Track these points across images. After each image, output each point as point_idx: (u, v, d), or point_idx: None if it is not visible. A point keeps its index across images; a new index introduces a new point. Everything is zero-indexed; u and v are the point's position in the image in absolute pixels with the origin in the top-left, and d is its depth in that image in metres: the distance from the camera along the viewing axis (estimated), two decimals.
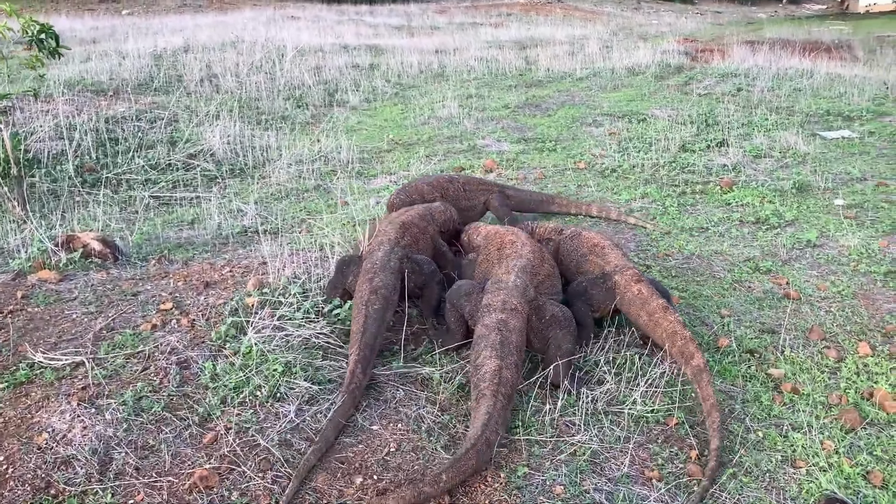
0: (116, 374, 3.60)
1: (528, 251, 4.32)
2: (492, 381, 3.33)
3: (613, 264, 4.41)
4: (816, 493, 3.20)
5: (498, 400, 3.26)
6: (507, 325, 3.67)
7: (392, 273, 4.10)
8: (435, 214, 5.07)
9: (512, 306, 3.80)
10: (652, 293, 4.14)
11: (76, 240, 5.27)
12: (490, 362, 3.44)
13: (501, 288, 3.92)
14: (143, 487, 2.90)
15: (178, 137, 9.24)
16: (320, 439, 3.17)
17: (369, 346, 3.67)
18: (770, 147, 8.48)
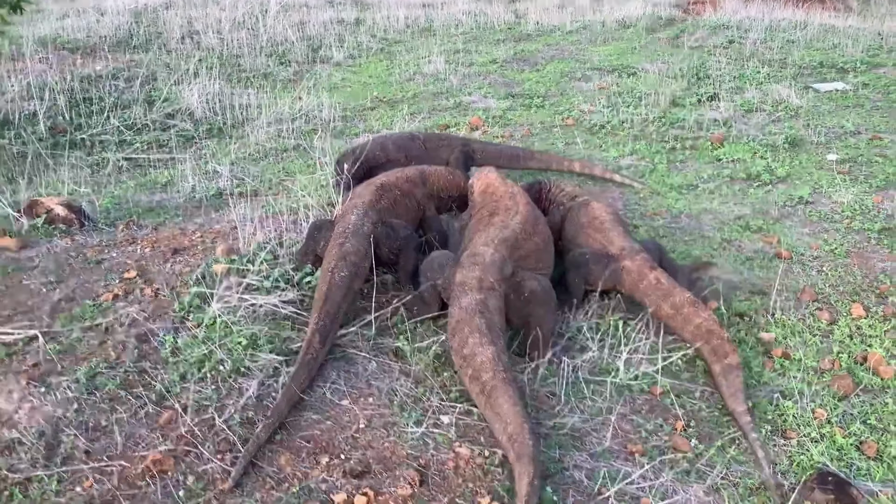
0: (72, 348, 3.42)
1: (518, 221, 4.03)
2: (495, 368, 3.10)
3: (619, 246, 4.18)
4: (808, 466, 3.06)
5: (513, 387, 3.04)
6: (487, 306, 3.44)
7: (364, 238, 3.88)
8: (429, 177, 4.78)
9: (489, 284, 3.56)
10: (673, 284, 3.93)
11: (40, 205, 5.03)
12: (485, 350, 3.19)
13: (477, 263, 3.66)
14: (91, 473, 2.73)
15: (155, 97, 8.92)
16: (272, 413, 3.00)
17: (330, 314, 3.47)
18: (762, 101, 8.22)
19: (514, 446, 2.81)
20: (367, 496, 2.72)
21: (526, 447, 2.76)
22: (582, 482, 2.89)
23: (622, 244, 4.19)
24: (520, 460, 2.74)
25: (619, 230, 4.33)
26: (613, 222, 4.39)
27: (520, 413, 2.90)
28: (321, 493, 2.73)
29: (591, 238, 4.35)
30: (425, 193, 4.71)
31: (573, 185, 5.12)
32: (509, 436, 2.85)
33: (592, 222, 4.42)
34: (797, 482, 2.99)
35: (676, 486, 2.91)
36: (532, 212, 4.20)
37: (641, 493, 2.86)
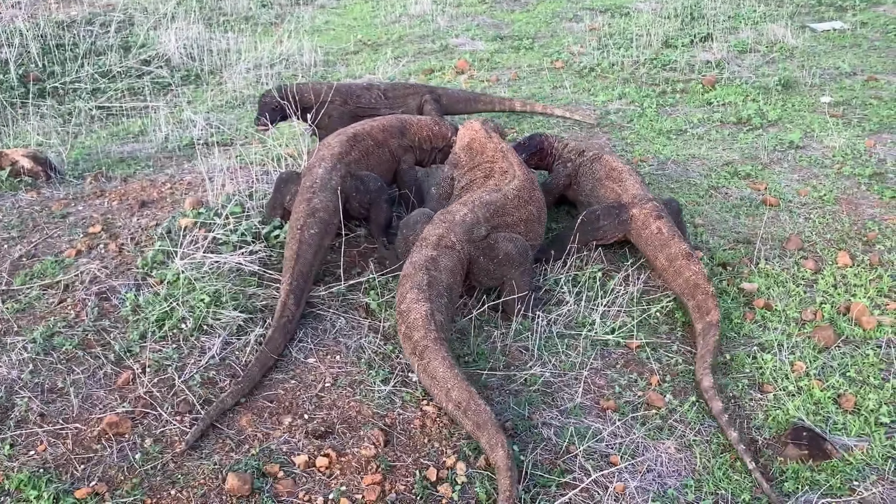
0: (30, 307, 3.32)
1: (514, 187, 3.80)
2: (427, 327, 2.95)
3: (631, 194, 4.05)
4: (783, 420, 2.99)
5: (443, 347, 2.89)
6: (437, 263, 3.27)
7: (332, 192, 3.74)
8: (410, 127, 4.54)
9: (448, 243, 3.39)
10: (673, 234, 3.78)
11: (4, 157, 4.88)
12: (420, 307, 3.03)
13: (445, 221, 3.50)
14: (46, 436, 2.65)
15: (132, 42, 8.66)
16: (244, 378, 2.91)
17: (303, 274, 3.36)
18: (756, 41, 7.97)
19: (468, 415, 2.68)
20: (329, 457, 2.65)
21: (483, 413, 2.65)
22: (550, 440, 2.83)
23: (635, 192, 4.06)
24: (482, 429, 2.63)
25: (636, 178, 4.19)
26: (630, 172, 4.24)
27: (460, 376, 2.78)
28: (282, 455, 2.67)
29: (609, 189, 4.20)
30: (402, 144, 4.48)
31: (574, 140, 4.87)
32: (457, 403, 2.72)
33: (610, 174, 4.26)
34: (772, 437, 2.92)
35: (648, 443, 2.84)
36: (528, 177, 3.97)
37: (611, 451, 2.79)
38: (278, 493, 2.51)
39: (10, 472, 2.49)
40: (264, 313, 3.33)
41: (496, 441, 2.57)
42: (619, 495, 2.60)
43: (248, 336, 3.18)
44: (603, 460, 2.76)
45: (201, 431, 2.69)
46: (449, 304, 3.24)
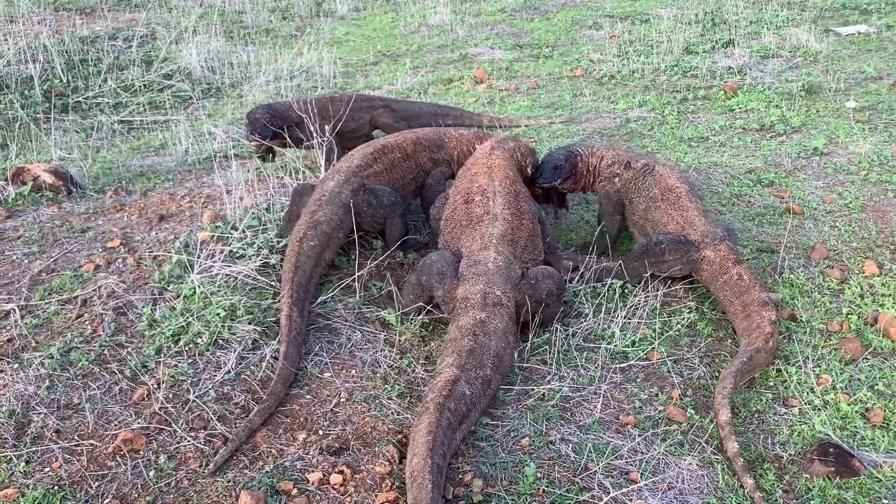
0: (48, 322, 3.33)
1: (502, 207, 3.61)
2: (440, 392, 2.69)
3: (700, 231, 3.73)
4: (809, 436, 2.91)
5: (443, 416, 2.61)
6: (485, 328, 3.01)
7: (340, 206, 3.72)
8: (447, 141, 4.46)
9: (495, 299, 3.14)
10: (754, 281, 3.50)
11: (26, 172, 4.93)
12: (446, 371, 2.79)
13: (480, 273, 3.25)
14: (61, 452, 2.65)
15: (154, 56, 8.75)
16: (269, 396, 2.89)
17: (302, 286, 3.35)
18: (779, 46, 7.87)
19: (412, 487, 2.42)
20: (344, 474, 2.62)
21: (424, 492, 2.37)
22: (568, 456, 2.77)
23: (704, 229, 3.74)
24: None
25: (699, 206, 3.87)
26: (690, 194, 3.91)
27: (429, 447, 2.49)
28: (296, 472, 2.64)
29: (667, 215, 3.86)
30: (436, 158, 4.42)
31: (611, 148, 4.46)
32: (410, 471, 2.47)
33: (667, 195, 3.93)
34: (797, 453, 2.85)
35: (668, 460, 2.78)
36: (511, 188, 3.79)
37: (631, 468, 2.73)
38: None
39: (25, 490, 2.49)
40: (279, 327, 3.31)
41: None
42: None
43: (262, 350, 3.16)
44: (622, 477, 2.70)
45: (231, 453, 2.68)
46: (494, 376, 2.95)
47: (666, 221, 3.87)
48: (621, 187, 4.18)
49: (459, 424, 2.72)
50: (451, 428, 2.66)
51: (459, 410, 2.71)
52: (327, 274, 3.74)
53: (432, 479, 2.40)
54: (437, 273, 3.32)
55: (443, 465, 2.54)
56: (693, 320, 3.64)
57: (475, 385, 2.82)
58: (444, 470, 2.56)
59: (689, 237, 3.74)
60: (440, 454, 2.53)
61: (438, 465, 2.49)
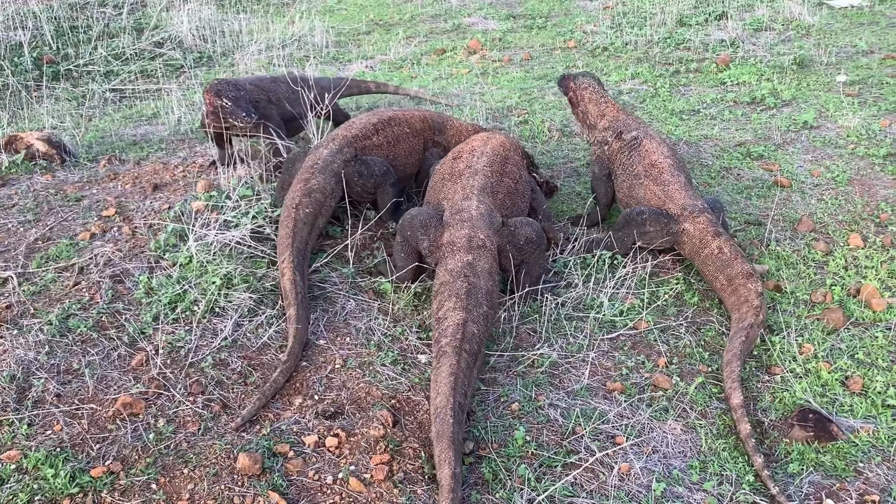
0: (46, 289, 3.37)
1: (483, 163, 3.72)
2: (454, 335, 2.84)
3: (679, 204, 3.75)
4: (790, 403, 3.00)
5: (462, 358, 2.78)
6: (474, 268, 3.16)
7: (332, 175, 3.76)
8: (448, 128, 4.48)
9: (479, 242, 3.28)
10: (735, 254, 3.52)
11: (19, 140, 4.93)
12: (454, 315, 2.94)
13: (464, 220, 3.38)
14: (62, 416, 2.71)
15: (144, 24, 8.70)
16: (289, 356, 2.96)
17: (301, 251, 3.41)
18: (772, 19, 7.88)
19: (435, 422, 2.61)
20: (339, 437, 2.70)
21: (446, 426, 2.55)
22: (556, 420, 2.86)
23: (684, 202, 3.75)
24: (439, 440, 2.54)
25: (681, 180, 3.87)
26: (673, 169, 3.92)
27: (451, 386, 2.67)
28: (292, 435, 2.71)
29: (650, 191, 3.90)
30: (437, 140, 4.45)
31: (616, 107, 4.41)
32: (434, 408, 2.66)
33: (650, 170, 3.95)
34: (778, 419, 2.94)
35: (653, 424, 2.87)
36: (501, 152, 3.87)
37: (617, 432, 2.82)
38: (288, 472, 2.56)
39: (27, 451, 2.55)
40: (275, 294, 3.37)
41: (445, 457, 2.49)
42: (624, 475, 2.63)
43: (259, 317, 3.22)
44: (609, 441, 2.79)
45: (257, 409, 2.78)
46: (490, 311, 3.10)
47: (649, 198, 3.90)
48: (610, 155, 4.24)
49: (474, 363, 2.89)
50: (469, 368, 2.83)
51: (473, 350, 2.88)
52: (321, 244, 3.78)
53: (454, 416, 2.58)
54: (421, 225, 3.43)
55: (464, 404, 2.72)
56: (680, 291, 3.72)
57: (479, 323, 2.98)
58: (466, 408, 2.75)
59: (669, 211, 3.79)
60: (462, 393, 2.70)
61: (460, 402, 2.67)
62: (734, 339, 3.24)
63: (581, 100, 4.53)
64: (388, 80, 6.90)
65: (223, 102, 4.38)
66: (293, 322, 3.10)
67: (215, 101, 4.39)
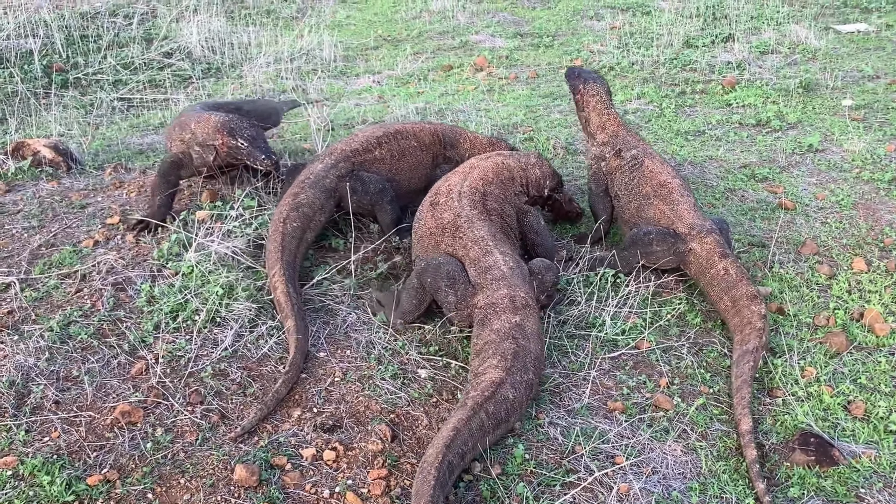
0: (48, 296, 3.37)
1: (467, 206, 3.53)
2: (483, 392, 2.65)
3: (687, 223, 3.76)
4: (791, 426, 2.98)
5: (477, 416, 2.56)
6: (523, 329, 2.96)
7: (323, 191, 3.74)
8: (461, 142, 4.39)
9: (522, 302, 3.08)
10: (741, 275, 3.52)
11: (26, 147, 4.96)
12: (492, 372, 2.75)
13: (497, 278, 3.18)
14: (60, 423, 2.71)
15: (154, 35, 8.74)
16: (290, 367, 2.96)
17: (291, 265, 3.41)
18: (779, 42, 7.91)
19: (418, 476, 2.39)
20: (337, 451, 2.69)
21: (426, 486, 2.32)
22: (556, 439, 2.84)
23: (692, 221, 3.77)
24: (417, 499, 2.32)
25: (690, 201, 3.88)
26: (682, 189, 3.92)
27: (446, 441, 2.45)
28: (290, 447, 2.70)
29: (659, 211, 3.88)
30: (448, 155, 4.37)
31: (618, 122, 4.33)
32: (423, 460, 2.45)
33: (659, 190, 3.93)
34: (779, 442, 2.92)
35: (654, 445, 2.85)
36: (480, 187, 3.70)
37: (617, 452, 2.80)
38: (285, 485, 2.55)
39: (24, 458, 2.55)
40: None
41: None
42: (623, 496, 2.61)
43: (259, 328, 3.22)
44: (608, 461, 2.77)
45: (258, 420, 2.77)
46: (535, 379, 2.89)
47: (658, 217, 3.90)
48: (608, 172, 4.22)
49: (494, 429, 2.65)
50: (483, 431, 2.58)
51: (498, 414, 2.64)
52: (323, 257, 3.78)
53: (437, 476, 2.34)
54: (448, 276, 3.21)
55: (456, 465, 2.48)
56: (683, 311, 3.71)
57: (519, 389, 2.76)
58: (457, 470, 2.51)
59: (676, 230, 3.79)
60: (457, 453, 2.47)
61: (451, 462, 2.44)
62: (741, 364, 3.21)
63: (586, 105, 4.41)
64: (394, 94, 6.94)
65: (239, 143, 3.93)
66: (293, 333, 3.10)
67: (230, 141, 3.91)
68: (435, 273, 3.23)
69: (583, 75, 4.48)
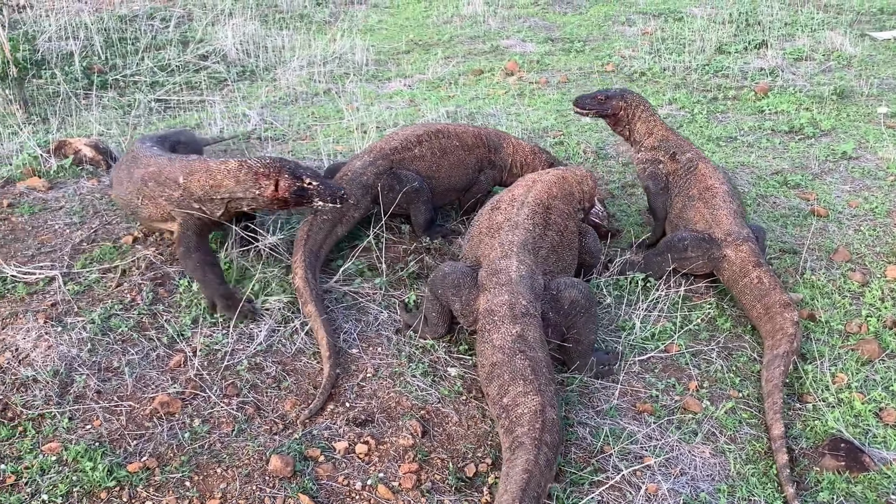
0: (89, 289, 3.47)
1: (525, 215, 3.40)
2: (532, 424, 2.52)
3: (724, 229, 3.76)
4: (821, 431, 2.98)
5: (541, 452, 2.45)
6: (526, 340, 2.84)
7: (360, 187, 3.81)
8: (505, 146, 4.40)
9: (523, 310, 2.96)
10: (774, 284, 3.52)
11: (68, 145, 5.09)
12: (528, 400, 2.61)
13: (502, 283, 3.05)
14: (101, 412, 2.79)
15: (190, 37, 8.90)
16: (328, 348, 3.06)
17: (314, 253, 3.47)
18: (813, 49, 7.85)
19: None
20: (369, 444, 2.74)
21: None
22: (585, 439, 2.87)
23: (729, 228, 3.77)
24: None
25: (731, 207, 3.87)
26: (726, 195, 3.92)
27: (521, 487, 2.34)
28: (323, 441, 2.76)
29: (698, 213, 3.92)
30: (492, 160, 4.38)
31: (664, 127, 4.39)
32: None
33: (704, 193, 3.96)
34: (809, 448, 2.92)
35: (682, 447, 2.87)
36: (545, 200, 3.57)
37: (645, 452, 2.82)
38: (319, 476, 2.60)
39: (68, 444, 2.63)
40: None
41: None
42: (651, 495, 2.63)
43: (293, 323, 3.28)
44: (637, 461, 2.79)
45: (323, 402, 2.90)
46: (555, 389, 2.81)
47: (697, 220, 3.92)
48: (666, 173, 4.25)
49: (554, 458, 2.55)
50: (549, 465, 2.48)
51: (554, 442, 2.54)
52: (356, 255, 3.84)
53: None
54: (453, 285, 3.15)
55: None
56: (713, 316, 3.71)
57: (555, 405, 2.66)
58: None
59: (713, 235, 3.80)
60: (533, 496, 2.35)
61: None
62: (772, 369, 3.21)
63: (631, 117, 4.43)
64: (425, 98, 6.99)
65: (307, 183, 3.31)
66: (315, 316, 3.17)
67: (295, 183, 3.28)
68: (442, 282, 3.19)
69: (614, 93, 4.49)
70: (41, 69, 7.56)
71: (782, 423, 2.92)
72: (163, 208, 3.49)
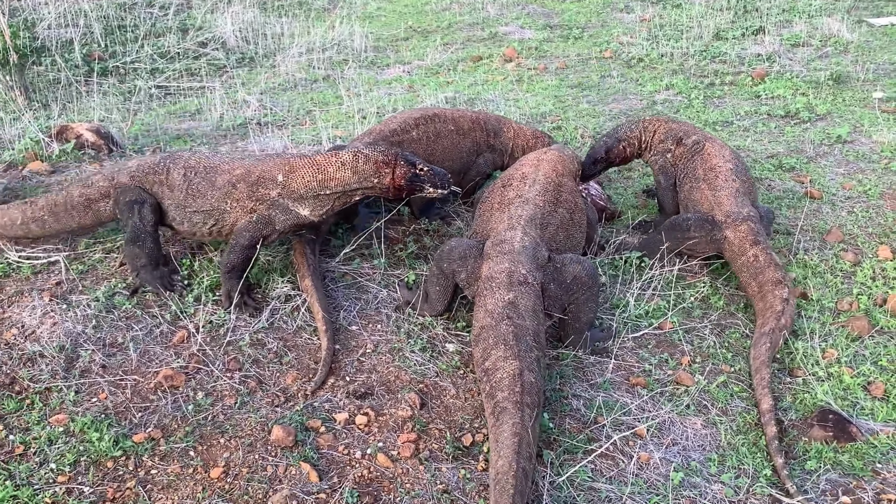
0: (93, 269, 3.53)
1: (536, 192, 3.47)
2: (511, 388, 2.59)
3: (725, 210, 3.78)
4: (811, 404, 3.05)
5: (525, 413, 2.52)
6: (517, 307, 2.90)
7: None
8: (506, 130, 4.45)
9: (520, 278, 3.01)
10: (769, 261, 3.56)
11: (70, 130, 5.14)
12: (506, 364, 2.68)
13: (505, 252, 3.12)
14: (107, 385, 2.85)
15: (189, 25, 8.93)
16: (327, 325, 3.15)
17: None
18: (810, 35, 7.89)
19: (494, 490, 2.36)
20: (368, 416, 2.80)
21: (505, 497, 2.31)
22: (579, 410, 2.94)
23: (730, 209, 3.78)
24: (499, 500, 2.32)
25: (733, 186, 3.87)
26: (729, 175, 3.92)
27: (514, 449, 2.41)
28: (324, 412, 2.83)
29: (703, 195, 3.93)
30: (492, 143, 4.42)
31: (666, 121, 4.48)
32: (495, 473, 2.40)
33: (708, 174, 3.98)
34: (798, 419, 2.99)
35: (674, 419, 2.94)
36: (554, 178, 3.63)
37: (638, 423, 2.89)
38: (320, 445, 2.67)
39: (75, 416, 2.70)
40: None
41: None
42: (643, 464, 2.70)
43: (294, 301, 3.34)
44: (629, 431, 2.86)
45: (326, 374, 2.99)
46: (541, 355, 2.85)
47: (702, 201, 3.95)
48: (673, 162, 4.28)
49: (537, 418, 2.61)
50: (534, 425, 2.56)
51: (534, 402, 2.60)
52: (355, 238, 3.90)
53: (516, 485, 2.32)
54: (459, 257, 3.20)
55: (529, 470, 2.43)
56: (706, 294, 3.77)
57: (534, 370, 2.72)
58: (531, 474, 2.46)
59: (714, 217, 3.83)
60: (526, 456, 2.42)
61: (524, 469, 2.39)
62: (759, 346, 3.28)
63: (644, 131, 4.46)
64: (424, 84, 7.04)
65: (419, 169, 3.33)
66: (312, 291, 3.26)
67: (410, 169, 3.31)
68: (448, 254, 3.24)
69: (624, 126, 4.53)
70: (41, 56, 7.60)
71: (771, 398, 2.98)
72: (249, 210, 3.33)
